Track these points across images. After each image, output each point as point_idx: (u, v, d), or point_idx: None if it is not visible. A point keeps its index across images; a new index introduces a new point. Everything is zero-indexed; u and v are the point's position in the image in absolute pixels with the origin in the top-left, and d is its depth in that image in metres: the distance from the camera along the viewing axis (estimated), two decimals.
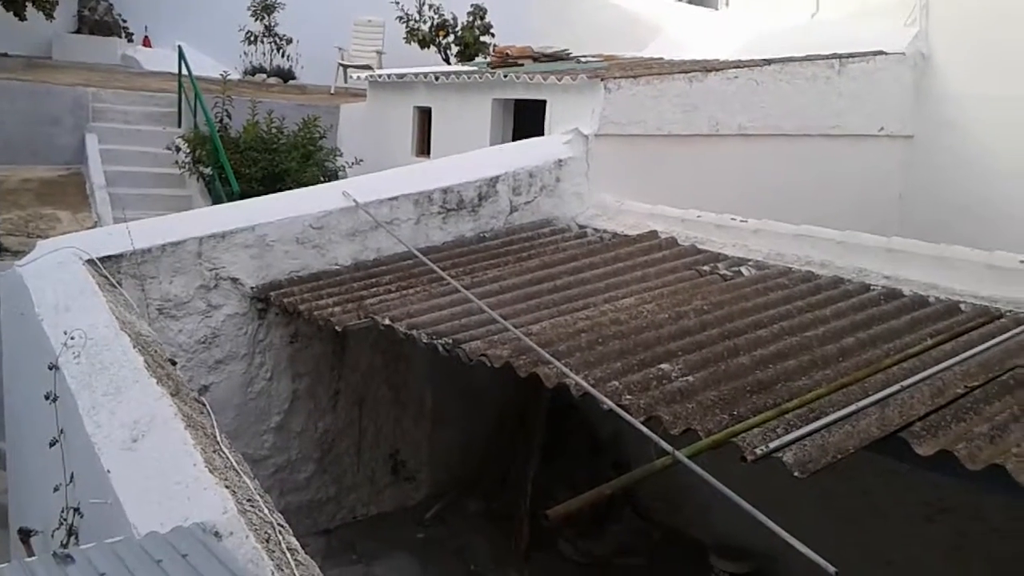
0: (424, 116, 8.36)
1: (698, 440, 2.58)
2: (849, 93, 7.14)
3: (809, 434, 2.53)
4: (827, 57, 7.11)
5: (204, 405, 3.09)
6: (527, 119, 6.91)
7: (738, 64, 6.72)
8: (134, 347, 3.12)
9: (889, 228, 7.13)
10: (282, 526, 2.29)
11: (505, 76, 7.15)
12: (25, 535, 3.06)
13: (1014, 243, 6.33)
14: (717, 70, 6.42)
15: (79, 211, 8.40)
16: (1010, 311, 3.67)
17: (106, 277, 4.10)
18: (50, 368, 3.01)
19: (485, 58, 11.42)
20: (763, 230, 4.83)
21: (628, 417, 2.75)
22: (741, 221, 4.95)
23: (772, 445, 2.45)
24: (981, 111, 7.32)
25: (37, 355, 3.40)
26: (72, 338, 3.11)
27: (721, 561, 4.81)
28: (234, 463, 2.60)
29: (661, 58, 8.97)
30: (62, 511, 2.61)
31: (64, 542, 2.54)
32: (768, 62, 6.77)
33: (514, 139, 7.05)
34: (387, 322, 3.94)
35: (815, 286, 4.17)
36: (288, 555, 2.14)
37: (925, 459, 2.49)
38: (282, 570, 2.05)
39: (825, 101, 7.00)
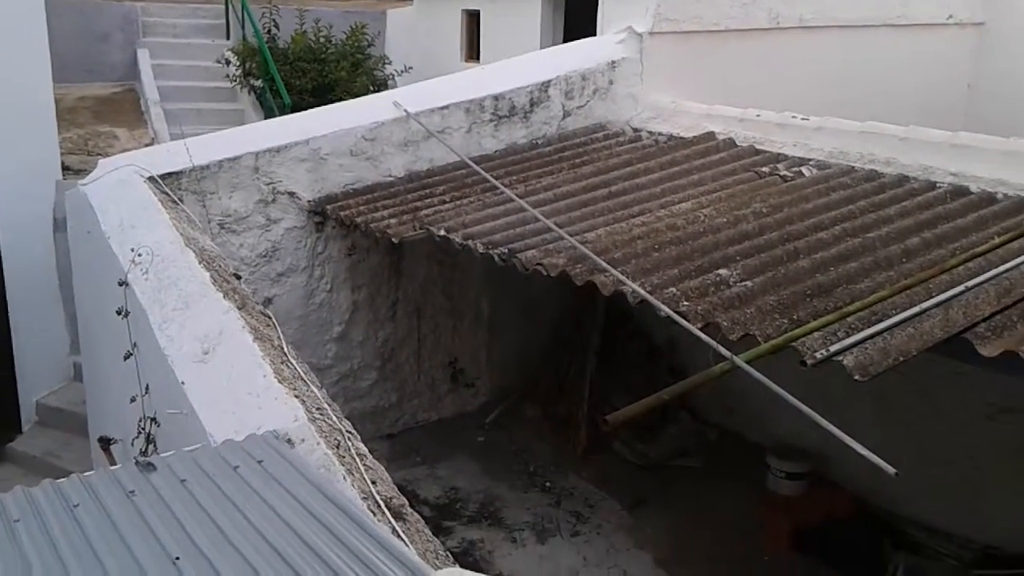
0: (472, 20, 8.21)
1: (756, 345, 2.58)
2: None
3: (870, 337, 2.51)
4: None
5: (270, 318, 3.18)
6: (579, 19, 6.74)
7: None
8: (199, 262, 3.20)
9: (956, 121, 6.87)
10: (350, 432, 2.37)
11: None
12: (105, 443, 3.22)
13: None
14: None
15: (135, 128, 8.51)
16: None
17: (167, 194, 4.17)
18: (120, 284, 3.10)
19: None
20: (825, 128, 4.68)
21: (686, 324, 2.75)
22: (802, 119, 4.81)
23: (832, 349, 2.44)
24: None
25: (106, 272, 3.51)
26: (139, 255, 3.19)
27: (778, 461, 4.86)
28: (301, 373, 2.69)
29: None
30: (140, 421, 2.73)
31: (144, 450, 2.66)
32: None
33: (566, 40, 6.89)
34: (442, 233, 3.96)
35: (879, 185, 4.06)
36: (357, 460, 2.23)
37: (989, 360, 2.46)
38: (352, 474, 2.14)
39: None
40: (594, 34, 6.18)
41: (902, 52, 6.86)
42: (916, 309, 2.63)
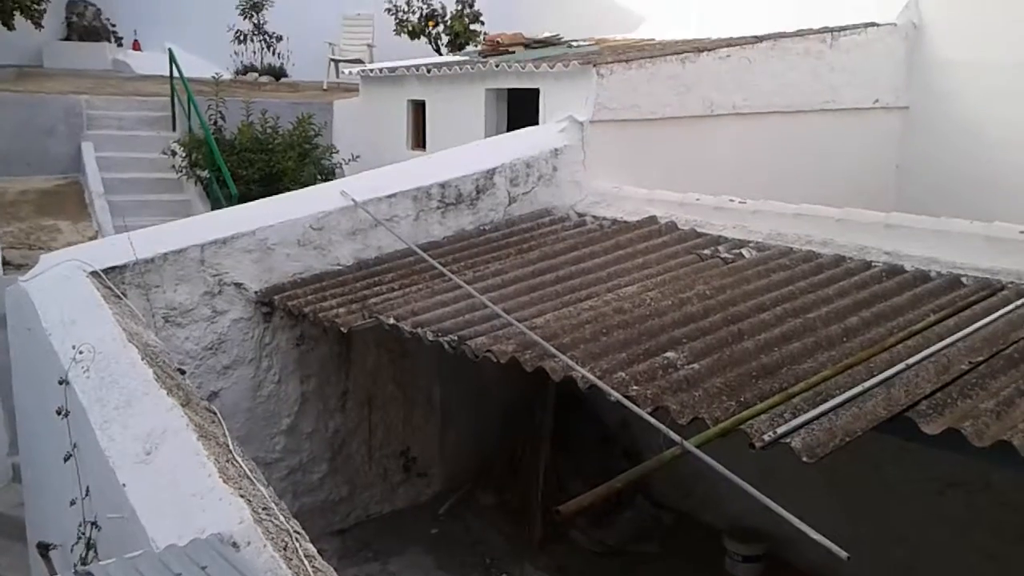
0: (418, 109, 8.36)
1: (706, 428, 2.60)
2: (842, 67, 7.12)
3: (816, 418, 2.55)
4: (818, 31, 7.09)
5: (215, 413, 3.11)
6: (521, 108, 6.91)
7: (730, 42, 6.70)
8: (142, 359, 3.13)
9: (887, 199, 7.15)
10: (298, 533, 2.31)
11: (497, 66, 7.14)
12: (44, 549, 3.09)
13: (1012, 211, 6.34)
14: (709, 50, 6.40)
15: (79, 220, 8.41)
16: (1011, 283, 3.68)
17: (111, 288, 4.11)
18: (60, 383, 3.03)
19: (476, 47, 11.39)
20: (762, 211, 4.83)
21: (636, 408, 2.77)
22: (740, 203, 4.96)
23: (780, 431, 2.47)
24: (974, 79, 7.31)
25: (47, 370, 3.42)
26: (81, 352, 3.13)
27: (735, 544, 4.84)
28: (247, 471, 2.62)
29: (652, 39, 8.94)
30: (80, 525, 2.63)
31: (83, 556, 2.56)
32: (759, 39, 6.76)
33: (509, 129, 7.05)
34: (392, 321, 3.96)
35: (817, 265, 4.18)
36: (306, 562, 2.17)
37: (933, 437, 2.51)
38: None
39: (818, 76, 6.99)
40: (536, 123, 6.35)
41: (833, 135, 7.16)
42: (859, 388, 2.68)
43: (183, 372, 3.51)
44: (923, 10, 7.64)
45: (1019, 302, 3.40)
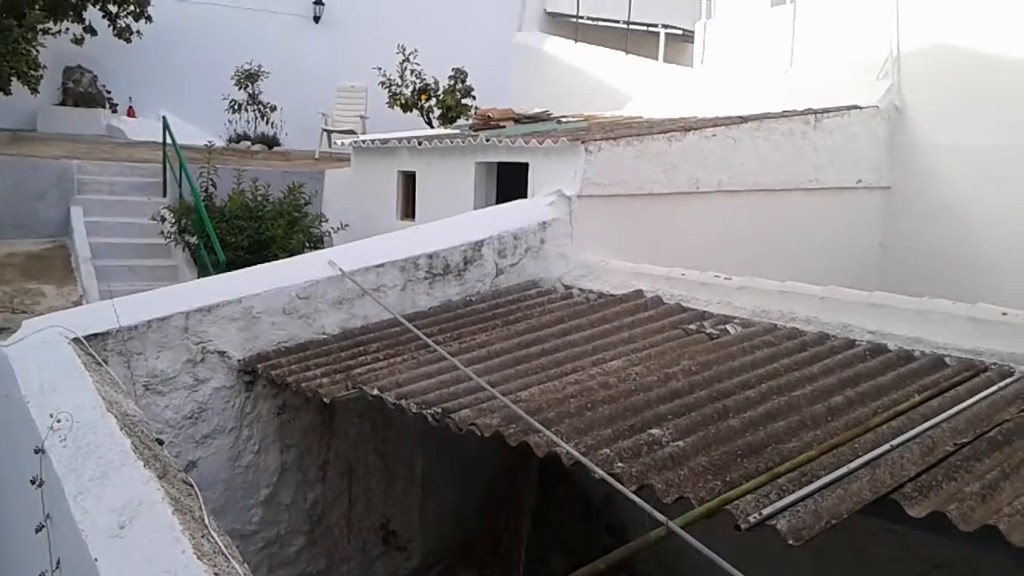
0: (408, 180, 8.45)
1: (691, 506, 2.57)
2: (825, 147, 7.27)
3: (802, 499, 2.52)
4: (802, 113, 7.26)
5: (191, 486, 3.06)
6: (510, 181, 7.00)
7: (715, 122, 6.84)
8: (120, 429, 3.09)
9: (871, 277, 7.23)
10: None
11: (487, 140, 7.25)
12: None
13: (993, 288, 6.43)
14: (695, 129, 6.54)
15: (64, 285, 8.39)
16: (995, 364, 3.69)
17: (92, 356, 4.07)
18: (36, 452, 2.97)
19: (467, 120, 11.60)
20: (747, 287, 4.86)
21: (620, 487, 2.73)
22: (725, 279, 4.99)
23: (765, 512, 2.44)
24: (955, 161, 7.48)
25: (23, 438, 3.36)
26: (58, 421, 3.08)
27: None
28: (223, 547, 2.56)
29: (640, 117, 9.13)
30: None
31: None
32: (744, 119, 6.91)
33: (498, 201, 7.13)
34: (375, 392, 3.93)
35: (801, 343, 4.19)
36: None
37: (918, 520, 2.49)
38: None
39: (802, 156, 7.13)
40: (525, 196, 6.43)
41: (817, 214, 7.28)
42: (844, 470, 2.67)
43: (161, 442, 3.46)
44: (905, 94, 7.85)
45: (1002, 383, 3.42)
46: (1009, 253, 7.02)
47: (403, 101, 13.13)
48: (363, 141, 9.51)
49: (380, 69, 13.04)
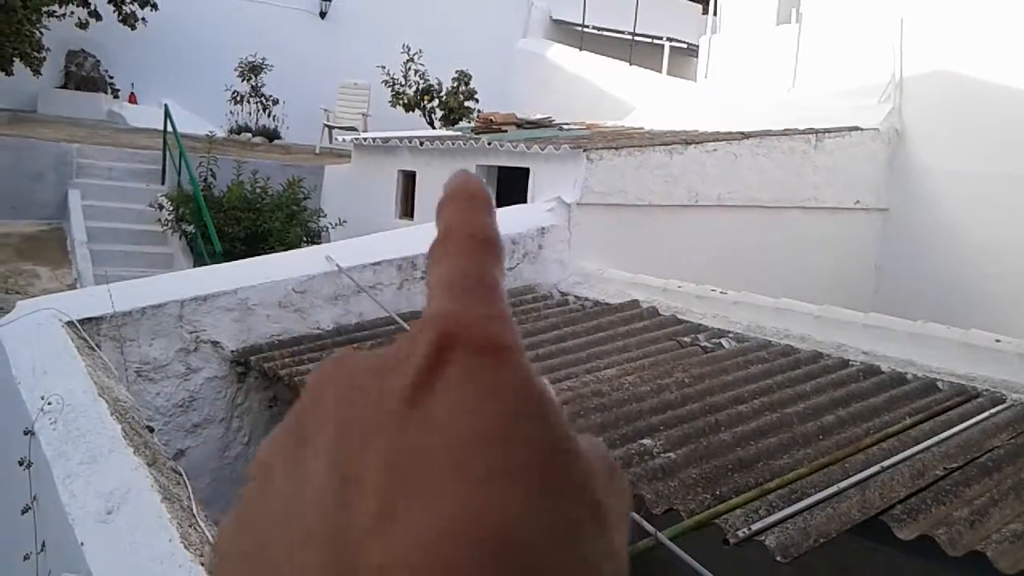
0: (408, 179, 8.44)
1: (680, 519, 2.58)
2: (825, 167, 7.30)
3: (791, 516, 2.53)
4: (803, 132, 7.28)
5: (181, 475, 3.05)
6: (511, 185, 7.00)
7: (716, 137, 6.86)
8: (111, 414, 3.08)
9: (866, 298, 7.25)
10: None
11: (489, 143, 7.25)
12: None
13: (987, 314, 6.46)
14: (696, 142, 6.55)
15: (59, 267, 8.35)
16: (987, 390, 3.71)
17: (85, 340, 4.06)
18: (25, 433, 2.96)
19: (469, 123, 11.60)
20: (743, 302, 4.87)
21: None
22: (721, 293, 5.00)
23: (755, 527, 2.45)
24: (953, 186, 7.52)
25: (12, 419, 3.34)
26: (49, 403, 3.07)
27: None
28: (210, 537, 2.56)
29: (641, 128, 9.14)
30: None
31: None
32: (746, 135, 6.92)
33: (497, 205, 7.09)
34: None
35: (795, 360, 4.20)
36: None
37: (905, 543, 2.50)
38: None
39: (802, 174, 7.15)
40: (525, 201, 6.43)
41: (814, 232, 7.30)
42: (834, 488, 2.67)
43: (152, 429, 3.45)
44: (905, 118, 7.89)
45: (994, 410, 3.43)
46: (1003, 280, 7.06)
47: (406, 101, 13.13)
48: (364, 138, 9.51)
49: (384, 68, 13.04)
